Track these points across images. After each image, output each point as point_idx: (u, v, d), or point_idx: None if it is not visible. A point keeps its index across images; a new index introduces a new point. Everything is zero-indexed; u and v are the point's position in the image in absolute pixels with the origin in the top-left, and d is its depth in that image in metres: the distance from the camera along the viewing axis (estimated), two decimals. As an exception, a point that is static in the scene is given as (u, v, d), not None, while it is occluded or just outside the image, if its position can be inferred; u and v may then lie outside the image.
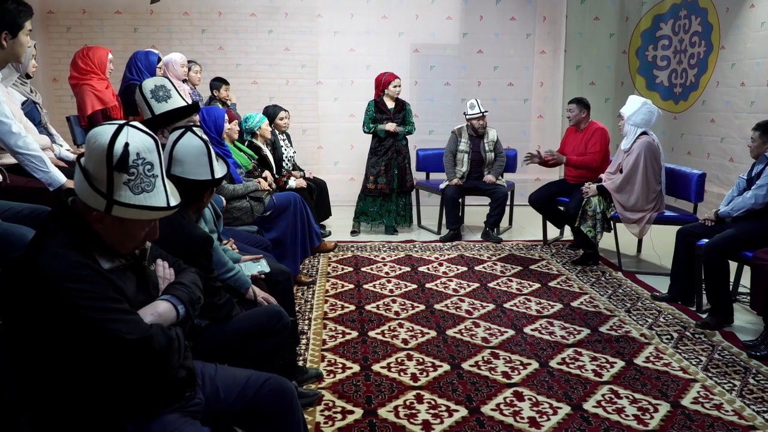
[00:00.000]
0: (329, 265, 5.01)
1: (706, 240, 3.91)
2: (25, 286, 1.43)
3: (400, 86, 5.95)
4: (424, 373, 3.14)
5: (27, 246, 1.53)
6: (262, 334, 2.14)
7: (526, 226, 6.54)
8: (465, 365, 3.24)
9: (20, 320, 1.46)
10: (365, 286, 4.50)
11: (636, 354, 3.39)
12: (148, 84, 2.90)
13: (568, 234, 5.90)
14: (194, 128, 2.16)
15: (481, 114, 5.91)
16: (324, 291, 4.39)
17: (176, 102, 2.89)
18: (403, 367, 3.22)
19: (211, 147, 2.16)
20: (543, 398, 2.90)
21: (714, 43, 6.74)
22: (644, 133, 4.83)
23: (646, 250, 5.47)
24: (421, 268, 4.96)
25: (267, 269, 2.75)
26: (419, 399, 2.88)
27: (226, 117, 4.30)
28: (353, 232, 6.11)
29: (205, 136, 2.16)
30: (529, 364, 3.27)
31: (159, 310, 1.60)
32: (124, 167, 1.47)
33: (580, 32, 7.61)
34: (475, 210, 6.54)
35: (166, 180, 1.61)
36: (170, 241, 1.84)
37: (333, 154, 7.54)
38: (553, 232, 5.90)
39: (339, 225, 6.17)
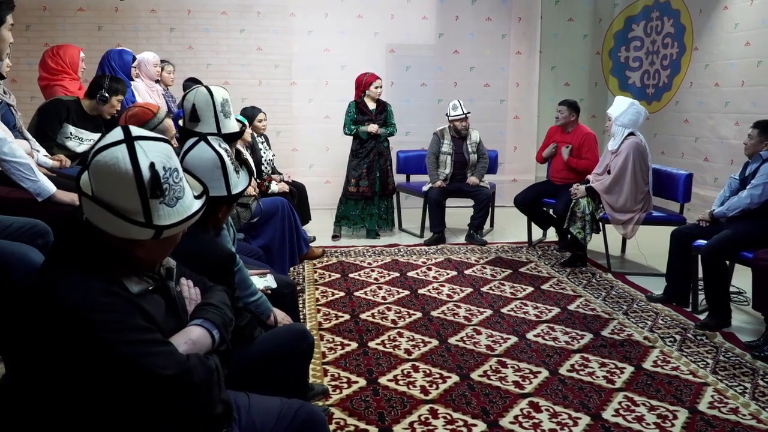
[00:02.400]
0: (315, 272, 4.85)
1: (702, 241, 3.91)
2: (43, 320, 1.25)
3: (381, 87, 5.82)
4: (434, 386, 3.02)
5: (40, 273, 1.34)
6: (286, 355, 1.98)
7: (506, 227, 6.49)
8: (474, 375, 3.13)
9: (37, 357, 1.28)
10: (356, 294, 4.36)
11: (643, 358, 3.35)
12: (220, 94, 2.63)
13: (551, 235, 5.88)
14: (210, 138, 1.97)
15: (464, 115, 5.83)
16: (315, 300, 4.23)
17: (233, 120, 2.67)
18: (411, 379, 3.09)
19: (226, 159, 1.97)
20: (560, 408, 2.82)
21: (687, 45, 6.83)
22: (632, 133, 4.82)
23: (631, 250, 5.47)
24: (410, 273, 4.84)
25: (274, 285, 2.59)
26: (434, 414, 2.76)
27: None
28: (334, 237, 5.96)
29: (222, 147, 1.98)
30: (539, 372, 3.18)
31: (193, 337, 1.43)
32: (160, 191, 1.30)
33: (555, 33, 7.62)
34: (456, 212, 6.47)
35: (186, 175, 1.46)
36: (192, 259, 1.67)
37: (308, 156, 7.36)
38: (535, 233, 5.85)
39: (317, 229, 5.99)
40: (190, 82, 5.92)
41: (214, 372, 1.38)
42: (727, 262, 3.90)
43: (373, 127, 5.71)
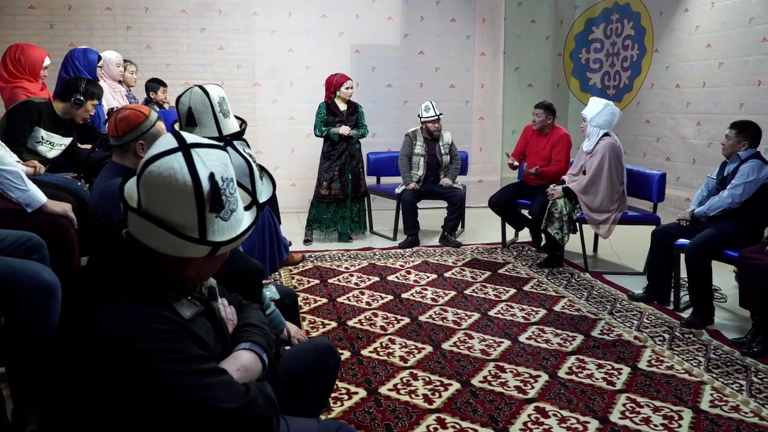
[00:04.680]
0: (293, 279, 4.71)
1: (684, 240, 3.96)
2: (88, 354, 1.11)
3: (352, 88, 5.71)
4: (436, 394, 2.95)
5: (78, 300, 1.18)
6: (314, 373, 1.86)
7: (476, 228, 6.49)
8: (475, 382, 3.08)
9: (82, 395, 1.14)
10: (339, 300, 4.25)
11: (637, 358, 3.36)
12: (216, 93, 2.47)
13: (522, 236, 5.90)
14: (235, 143, 1.83)
15: (436, 116, 5.79)
16: (297, 307, 4.09)
17: (233, 119, 2.52)
18: (412, 388, 3.01)
19: (254, 165, 1.84)
20: (567, 413, 2.78)
21: (647, 47, 6.98)
22: (606, 134, 4.87)
23: (603, 249, 5.54)
24: (390, 277, 4.76)
25: (277, 296, 2.45)
26: (442, 424, 2.69)
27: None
28: (306, 241, 5.82)
29: (247, 152, 1.84)
30: (539, 376, 3.15)
31: (244, 363, 1.31)
32: (219, 205, 1.18)
33: (519, 35, 7.67)
34: (426, 213, 6.41)
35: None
36: (222, 274, 1.54)
37: (273, 158, 7.16)
38: (507, 233, 5.85)
39: (286, 234, 5.79)
40: (154, 83, 5.71)
41: (274, 402, 1.27)
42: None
43: (344, 129, 5.61)
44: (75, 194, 2.87)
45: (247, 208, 1.32)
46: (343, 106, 5.72)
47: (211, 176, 1.16)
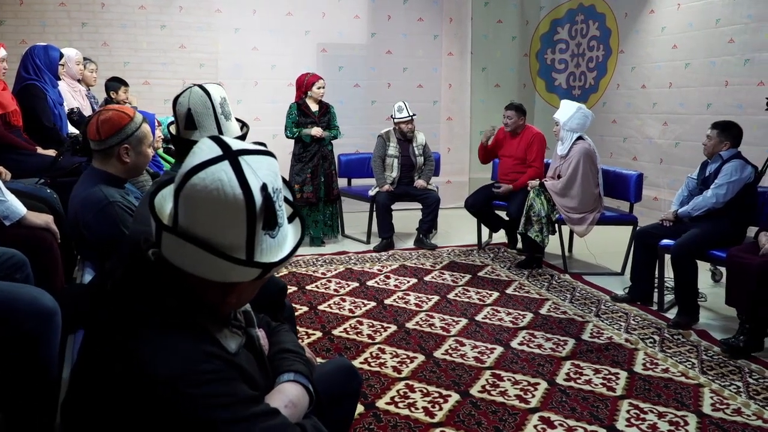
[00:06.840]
0: (269, 286, 4.52)
1: (669, 240, 3.96)
2: (125, 397, 0.95)
3: (324, 87, 5.55)
4: (437, 406, 2.83)
5: (110, 335, 1.02)
6: (337, 397, 1.72)
7: (448, 229, 6.41)
8: (473, 392, 2.98)
9: None
10: (320, 308, 4.09)
11: (631, 362, 3.32)
12: (217, 93, 2.27)
13: (497, 237, 5.86)
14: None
15: (409, 117, 5.69)
16: (295, 322, 3.92)
17: (234, 122, 2.33)
18: (411, 400, 2.89)
19: None
20: (573, 422, 2.71)
21: (613, 47, 7.04)
22: (580, 137, 4.85)
23: (578, 250, 5.54)
24: (369, 283, 4.63)
25: (278, 308, 2.30)
26: (448, 438, 2.58)
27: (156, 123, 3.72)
28: (278, 246, 5.62)
29: None
30: (537, 383, 3.07)
31: (292, 398, 1.16)
32: (274, 220, 1.03)
33: (485, 35, 7.65)
34: (397, 215, 6.29)
35: None
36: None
37: (237, 161, 6.95)
38: (482, 235, 5.79)
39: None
40: (114, 83, 5.44)
41: (332, 443, 1.13)
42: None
43: (317, 131, 5.45)
44: (45, 202, 2.64)
45: (289, 220, 1.17)
46: (314, 107, 5.56)
47: (264, 188, 1.02)
